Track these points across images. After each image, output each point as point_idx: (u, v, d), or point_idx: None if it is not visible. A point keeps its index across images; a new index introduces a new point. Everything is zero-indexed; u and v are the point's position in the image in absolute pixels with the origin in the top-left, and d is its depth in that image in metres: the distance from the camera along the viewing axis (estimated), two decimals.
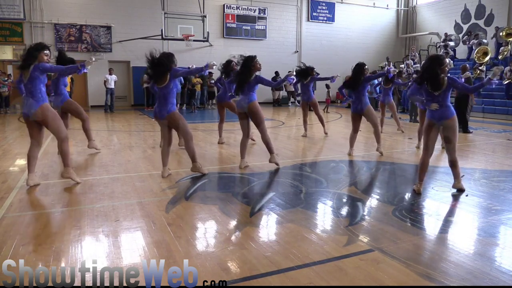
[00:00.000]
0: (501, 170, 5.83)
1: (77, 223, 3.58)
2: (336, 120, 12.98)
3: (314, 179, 5.26)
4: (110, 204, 4.13)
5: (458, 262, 2.85)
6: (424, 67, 4.44)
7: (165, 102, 4.99)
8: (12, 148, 7.50)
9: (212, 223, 3.68)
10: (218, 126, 8.07)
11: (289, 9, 20.11)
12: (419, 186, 4.52)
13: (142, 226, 3.52)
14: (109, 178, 5.17)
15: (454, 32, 19.49)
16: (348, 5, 21.17)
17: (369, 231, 3.47)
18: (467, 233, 3.58)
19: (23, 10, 15.44)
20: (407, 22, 22.52)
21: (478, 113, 13.88)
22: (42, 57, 4.56)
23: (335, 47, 20.85)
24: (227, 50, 18.52)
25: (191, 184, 4.91)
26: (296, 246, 3.09)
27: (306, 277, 2.63)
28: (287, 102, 19.30)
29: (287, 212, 3.90)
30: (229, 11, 18.74)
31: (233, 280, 2.57)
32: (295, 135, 9.56)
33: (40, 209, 4.10)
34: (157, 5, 16.72)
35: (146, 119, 12.79)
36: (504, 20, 17.40)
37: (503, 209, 4.04)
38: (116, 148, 7.49)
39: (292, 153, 7.10)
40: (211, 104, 17.66)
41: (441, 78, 4.29)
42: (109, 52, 16.97)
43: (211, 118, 14.16)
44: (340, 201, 4.33)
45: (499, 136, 9.34)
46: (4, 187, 4.73)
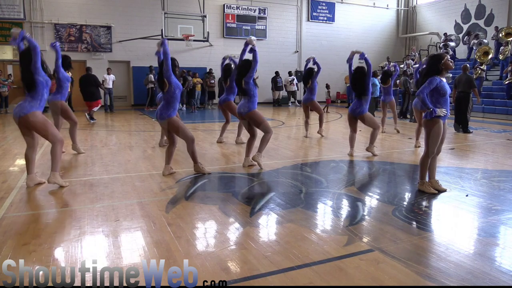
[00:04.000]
0: (501, 170, 5.83)
1: (77, 223, 3.58)
2: (336, 120, 12.98)
3: (314, 179, 5.25)
4: (110, 204, 4.13)
5: (458, 262, 2.85)
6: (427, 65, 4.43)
7: (167, 106, 5.05)
8: (12, 148, 7.51)
9: (212, 223, 3.68)
10: (222, 126, 8.12)
11: (289, 9, 20.11)
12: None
13: (142, 226, 3.52)
14: (109, 178, 5.17)
15: (454, 32, 19.49)
16: (348, 5, 21.18)
17: (369, 231, 3.47)
18: (467, 233, 3.58)
19: (23, 10, 15.45)
20: (407, 22, 22.53)
21: (478, 113, 13.87)
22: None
23: (335, 47, 20.84)
24: (227, 50, 18.51)
25: (191, 184, 4.91)
26: (296, 246, 3.09)
27: (306, 277, 2.63)
28: (287, 102, 19.30)
29: (287, 212, 3.90)
30: (229, 11, 18.74)
31: (233, 280, 2.57)
32: (295, 135, 9.56)
33: (40, 209, 4.10)
34: (157, 5, 16.73)
35: (146, 119, 12.79)
36: (504, 20, 17.40)
37: (503, 209, 4.04)
38: (116, 148, 7.49)
39: (292, 153, 7.10)
40: (211, 104, 17.67)
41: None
42: (109, 52, 16.97)
43: (211, 118, 14.16)
44: (340, 201, 4.33)
45: (499, 136, 9.34)
46: (4, 187, 4.73)
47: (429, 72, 4.33)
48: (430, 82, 4.25)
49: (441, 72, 4.30)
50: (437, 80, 4.26)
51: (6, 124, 11.57)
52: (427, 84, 4.26)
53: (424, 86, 4.28)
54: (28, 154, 4.70)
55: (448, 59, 4.33)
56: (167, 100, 5.05)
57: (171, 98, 5.02)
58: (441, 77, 4.32)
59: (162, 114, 5.07)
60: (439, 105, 4.32)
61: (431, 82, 4.25)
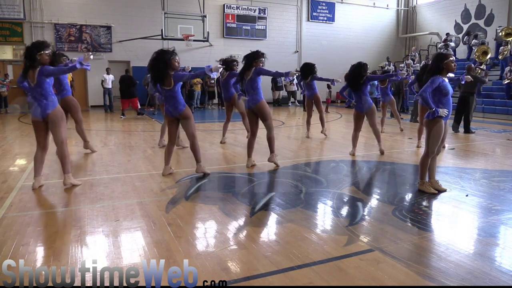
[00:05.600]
0: (501, 170, 5.83)
1: (77, 223, 3.58)
2: (336, 120, 12.98)
3: (314, 179, 5.25)
4: (110, 204, 4.13)
5: (458, 262, 2.85)
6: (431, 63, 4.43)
7: (176, 102, 5.04)
8: (12, 148, 7.51)
9: (212, 223, 3.68)
10: (223, 125, 8.10)
11: (289, 9, 20.10)
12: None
13: (142, 226, 3.52)
14: (109, 178, 5.17)
15: (454, 32, 19.49)
16: (348, 5, 21.16)
17: (369, 231, 3.47)
18: (467, 233, 3.58)
19: (23, 10, 15.44)
20: (407, 22, 22.52)
21: (478, 113, 13.86)
22: (44, 59, 4.47)
23: (335, 47, 20.84)
24: (227, 50, 18.51)
25: (191, 184, 4.91)
26: (296, 246, 3.09)
27: (306, 277, 2.63)
28: (287, 102, 19.30)
29: (287, 212, 3.90)
30: (229, 11, 18.73)
31: (233, 280, 2.57)
32: (295, 135, 9.56)
33: (40, 209, 4.10)
34: (157, 5, 16.72)
35: (146, 119, 12.78)
36: (504, 20, 17.40)
37: (503, 209, 4.04)
38: (116, 148, 7.49)
39: (292, 153, 7.10)
40: (211, 104, 17.67)
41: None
42: (109, 52, 16.97)
43: (211, 118, 14.17)
44: (340, 201, 4.32)
45: (499, 136, 9.33)
46: (4, 187, 4.73)
47: (432, 70, 4.34)
48: (433, 81, 4.26)
49: (442, 71, 4.31)
50: (439, 79, 4.27)
51: (6, 124, 11.57)
52: (430, 83, 4.27)
53: (426, 85, 4.29)
54: (37, 157, 4.70)
55: (452, 61, 4.34)
56: (173, 96, 5.01)
57: (177, 94, 5.02)
58: (443, 76, 4.33)
59: (176, 109, 5.05)
60: (442, 105, 4.32)
61: (433, 81, 4.26)
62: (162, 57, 4.86)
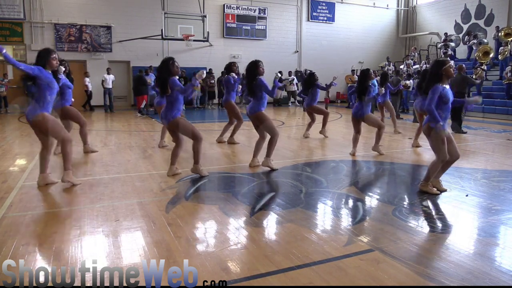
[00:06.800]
0: (501, 170, 5.83)
1: (77, 223, 3.58)
2: (336, 120, 12.98)
3: (314, 179, 5.25)
4: (110, 204, 4.13)
5: (458, 262, 2.85)
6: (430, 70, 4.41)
7: (171, 108, 5.04)
8: (12, 148, 7.51)
9: (212, 223, 3.68)
10: (224, 126, 8.13)
11: (289, 9, 20.10)
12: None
13: (142, 226, 3.52)
14: (109, 178, 5.17)
15: (454, 32, 19.49)
16: (348, 5, 21.16)
17: (369, 231, 3.47)
18: (467, 233, 3.58)
19: (23, 10, 15.43)
20: (407, 22, 22.52)
21: (478, 113, 13.87)
22: (51, 63, 4.55)
23: (335, 47, 20.83)
24: (227, 50, 18.54)
25: (191, 184, 4.91)
26: (296, 246, 3.09)
27: (306, 277, 2.63)
28: (287, 102, 19.30)
29: (287, 212, 3.90)
30: (229, 11, 18.73)
31: (233, 280, 2.57)
32: (295, 135, 9.56)
33: (40, 209, 4.09)
34: (157, 5, 16.72)
35: (146, 119, 12.79)
36: (504, 20, 17.40)
37: (503, 209, 4.04)
38: (116, 148, 7.49)
39: (292, 153, 7.10)
40: (211, 104, 17.67)
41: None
42: (109, 52, 16.96)
43: (211, 118, 14.17)
44: (340, 201, 4.32)
45: (499, 136, 9.33)
46: (4, 187, 4.73)
47: (432, 77, 4.29)
48: (434, 91, 4.20)
49: (442, 78, 4.25)
50: (439, 88, 4.21)
51: (6, 124, 11.57)
52: (432, 94, 4.20)
53: (429, 98, 4.21)
54: (41, 153, 4.75)
55: (451, 66, 4.28)
56: (170, 102, 5.02)
57: (175, 100, 5.00)
58: (443, 84, 4.26)
59: (166, 116, 5.06)
60: (441, 111, 4.26)
61: (434, 91, 4.20)
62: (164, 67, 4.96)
